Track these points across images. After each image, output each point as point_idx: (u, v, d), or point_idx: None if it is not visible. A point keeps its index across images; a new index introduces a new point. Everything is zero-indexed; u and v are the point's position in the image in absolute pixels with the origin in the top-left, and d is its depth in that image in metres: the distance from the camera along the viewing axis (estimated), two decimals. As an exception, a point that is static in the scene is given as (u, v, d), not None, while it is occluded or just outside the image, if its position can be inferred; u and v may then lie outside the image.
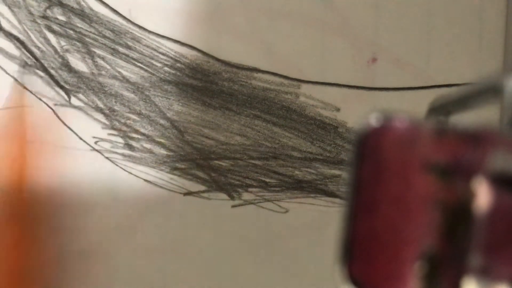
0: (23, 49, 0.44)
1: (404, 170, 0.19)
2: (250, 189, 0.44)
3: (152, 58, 0.44)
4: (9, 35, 0.44)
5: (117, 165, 0.44)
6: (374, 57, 0.44)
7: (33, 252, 0.44)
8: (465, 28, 0.44)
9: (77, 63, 0.44)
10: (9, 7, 0.44)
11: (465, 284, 0.18)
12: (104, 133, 0.44)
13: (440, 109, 0.25)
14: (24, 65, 0.44)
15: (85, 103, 0.44)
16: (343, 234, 0.19)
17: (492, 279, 0.18)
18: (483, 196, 0.18)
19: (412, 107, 0.44)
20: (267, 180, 0.44)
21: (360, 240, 0.19)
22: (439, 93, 0.44)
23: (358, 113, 0.44)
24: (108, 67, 0.44)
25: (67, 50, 0.44)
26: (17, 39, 0.44)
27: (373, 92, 0.44)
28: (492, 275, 0.18)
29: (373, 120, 0.19)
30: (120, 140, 0.44)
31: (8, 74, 0.44)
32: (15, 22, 0.44)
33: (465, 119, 0.23)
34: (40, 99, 0.44)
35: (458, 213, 0.18)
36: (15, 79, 0.44)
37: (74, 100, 0.44)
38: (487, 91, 0.21)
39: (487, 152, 0.18)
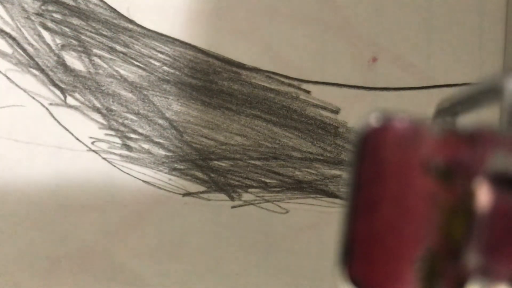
0: (16, 47, 0.44)
1: (404, 170, 0.19)
2: (250, 190, 0.44)
3: (151, 57, 0.44)
4: (2, 32, 0.44)
5: (114, 166, 0.44)
6: (374, 57, 0.44)
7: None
8: (465, 28, 0.44)
9: (73, 61, 0.44)
10: (2, 3, 0.44)
11: (465, 284, 0.18)
12: (101, 133, 0.44)
13: (448, 110, 0.25)
14: (17, 63, 0.44)
15: (82, 103, 0.44)
16: (343, 234, 0.19)
17: (492, 279, 0.18)
18: (483, 196, 0.18)
19: (412, 107, 0.44)
20: (267, 180, 0.44)
21: (360, 240, 0.19)
22: (439, 93, 0.44)
23: (358, 113, 0.44)
24: (105, 66, 0.44)
25: (62, 48, 0.44)
26: (10, 36, 0.44)
27: (373, 92, 0.44)
28: (492, 275, 0.18)
29: (373, 120, 0.19)
30: (118, 140, 0.44)
31: (0, 72, 0.44)
32: (8, 19, 0.44)
33: (465, 119, 0.23)
34: (34, 98, 0.44)
35: (458, 213, 0.18)
36: (8, 78, 0.44)
37: (70, 100, 0.44)
38: (487, 91, 0.21)
39: (487, 152, 0.18)
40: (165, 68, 0.44)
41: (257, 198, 0.44)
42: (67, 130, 0.44)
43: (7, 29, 0.44)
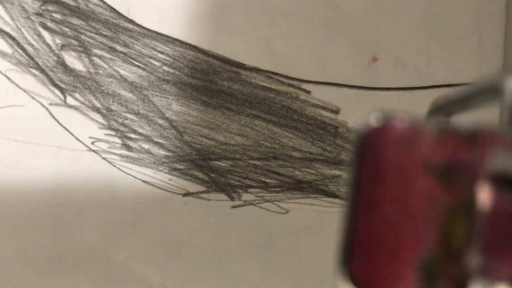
0: (16, 47, 0.44)
1: (404, 170, 0.19)
2: (250, 190, 0.44)
3: (151, 57, 0.44)
4: (2, 32, 0.44)
5: (114, 166, 0.44)
6: (374, 57, 0.44)
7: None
8: (465, 28, 0.44)
9: (73, 61, 0.44)
10: (2, 3, 0.44)
11: (465, 284, 0.18)
12: (101, 133, 0.44)
13: (441, 109, 0.25)
14: (17, 63, 0.44)
15: (82, 103, 0.44)
16: (343, 234, 0.19)
17: (492, 279, 0.18)
18: (483, 196, 0.18)
19: (412, 107, 0.44)
20: (267, 180, 0.44)
21: (360, 240, 0.19)
22: (439, 93, 0.44)
23: (358, 113, 0.44)
24: (105, 66, 0.44)
25: (62, 48, 0.44)
26: (10, 36, 0.44)
27: (373, 92, 0.44)
28: (492, 275, 0.18)
29: (373, 120, 0.19)
30: (118, 140, 0.44)
31: (0, 72, 0.44)
32: (8, 19, 0.44)
33: (465, 119, 0.22)
34: (34, 98, 0.44)
35: (458, 213, 0.18)
36: (8, 78, 0.44)
37: (70, 100, 0.44)
38: (487, 91, 0.21)
39: (487, 152, 0.18)
40: (165, 68, 0.44)
41: (257, 198, 0.44)
42: (67, 130, 0.44)
43: (7, 29, 0.44)
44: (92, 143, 0.44)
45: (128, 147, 0.44)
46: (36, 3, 0.44)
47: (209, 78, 0.44)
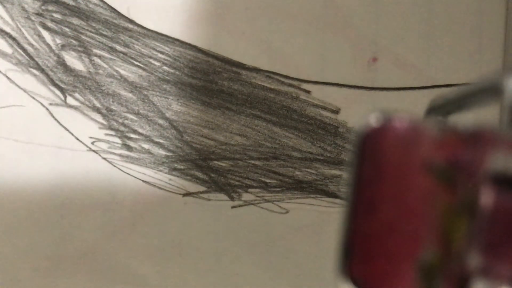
0: (16, 47, 0.44)
1: (404, 170, 0.19)
2: (250, 190, 0.44)
3: (151, 57, 0.44)
4: (2, 32, 0.44)
5: (114, 166, 0.44)
6: (374, 57, 0.44)
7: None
8: (465, 28, 0.44)
9: (73, 61, 0.44)
10: (2, 3, 0.44)
11: (466, 284, 0.18)
12: (101, 133, 0.44)
13: (439, 109, 0.25)
14: (17, 63, 0.44)
15: (82, 103, 0.44)
16: (343, 234, 0.19)
17: (492, 280, 0.18)
18: (483, 196, 0.18)
19: (412, 107, 0.44)
20: (267, 180, 0.44)
21: (360, 240, 0.19)
22: (439, 93, 0.44)
23: (358, 113, 0.44)
24: (105, 66, 0.44)
25: (62, 48, 0.44)
26: (10, 36, 0.44)
27: (373, 92, 0.44)
28: (493, 275, 0.18)
29: (373, 120, 0.19)
30: (118, 140, 0.44)
31: (1, 72, 0.44)
32: (8, 19, 0.44)
33: (465, 119, 0.22)
34: (34, 98, 0.44)
35: (458, 214, 0.18)
36: (8, 78, 0.44)
37: (70, 100, 0.44)
38: (487, 91, 0.21)
39: (487, 152, 0.18)
40: (165, 68, 0.44)
41: (257, 198, 0.44)
42: (67, 130, 0.44)
43: (7, 29, 0.44)
44: (92, 143, 0.44)
45: (128, 147, 0.44)
46: (36, 3, 0.44)
47: (209, 78, 0.44)
